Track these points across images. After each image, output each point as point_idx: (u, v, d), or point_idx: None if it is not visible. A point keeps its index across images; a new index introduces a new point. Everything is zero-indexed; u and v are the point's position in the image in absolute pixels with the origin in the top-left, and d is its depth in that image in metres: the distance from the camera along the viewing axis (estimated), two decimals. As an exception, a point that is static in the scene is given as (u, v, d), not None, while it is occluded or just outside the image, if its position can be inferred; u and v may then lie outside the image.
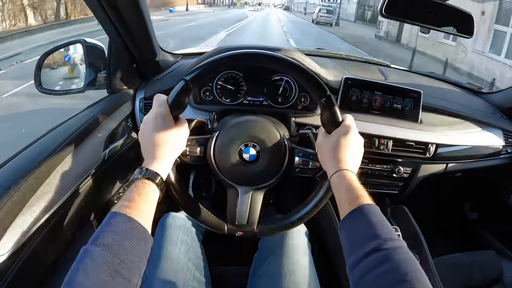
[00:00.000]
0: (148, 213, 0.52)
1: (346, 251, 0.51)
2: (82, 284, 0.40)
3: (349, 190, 0.56)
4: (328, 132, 0.65)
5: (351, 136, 0.62)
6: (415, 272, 0.43)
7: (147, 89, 1.03)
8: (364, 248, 0.47)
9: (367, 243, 0.47)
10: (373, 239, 0.47)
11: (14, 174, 0.65)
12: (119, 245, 0.44)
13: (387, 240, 0.47)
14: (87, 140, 0.82)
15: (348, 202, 0.54)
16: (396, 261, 0.44)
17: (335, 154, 0.61)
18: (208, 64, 0.62)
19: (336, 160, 0.60)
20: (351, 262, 0.48)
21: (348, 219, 0.53)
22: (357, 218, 0.52)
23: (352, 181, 0.57)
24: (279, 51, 0.96)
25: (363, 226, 0.50)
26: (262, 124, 0.71)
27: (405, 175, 1.05)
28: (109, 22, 0.84)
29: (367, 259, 0.46)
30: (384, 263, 0.44)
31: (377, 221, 0.50)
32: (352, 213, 0.53)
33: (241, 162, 0.68)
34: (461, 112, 1.12)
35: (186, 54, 1.20)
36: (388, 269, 0.43)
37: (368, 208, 0.52)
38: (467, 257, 1.15)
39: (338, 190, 0.58)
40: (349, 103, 1.02)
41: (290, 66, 0.63)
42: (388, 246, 0.46)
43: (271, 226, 0.71)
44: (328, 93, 0.63)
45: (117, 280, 0.42)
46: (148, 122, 0.60)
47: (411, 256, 0.46)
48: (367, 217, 0.51)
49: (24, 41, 9.25)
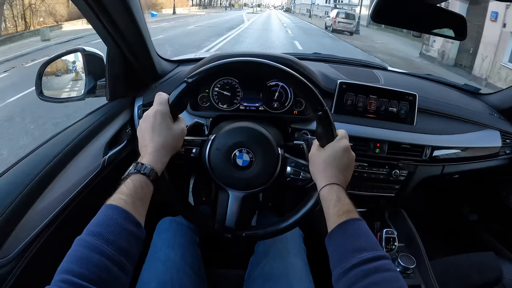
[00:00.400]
0: (142, 207, 0.54)
1: (333, 262, 0.53)
2: (75, 272, 0.41)
3: (338, 204, 0.57)
4: (321, 145, 0.67)
5: (344, 152, 0.64)
6: (399, 286, 0.45)
7: (145, 96, 1.05)
8: (350, 261, 0.49)
9: (353, 256, 0.49)
10: (360, 252, 0.49)
11: (17, 180, 0.67)
12: (112, 235, 0.46)
13: (374, 254, 0.48)
14: (87, 147, 0.85)
15: (337, 215, 0.56)
16: (382, 274, 0.46)
17: (326, 168, 0.63)
18: (209, 69, 0.64)
19: (327, 174, 0.62)
20: (336, 275, 0.50)
21: (336, 231, 0.55)
22: (345, 231, 0.54)
23: (342, 196, 0.59)
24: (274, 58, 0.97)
25: (351, 239, 0.52)
26: (257, 131, 0.72)
27: (402, 178, 1.06)
28: (105, 31, 0.86)
29: (352, 272, 0.47)
30: (369, 276, 0.46)
31: (365, 235, 0.52)
32: (340, 226, 0.54)
33: (234, 167, 0.69)
34: (458, 114, 1.12)
35: (183, 61, 1.22)
36: (373, 282, 0.45)
37: (356, 222, 0.54)
38: (466, 258, 1.14)
39: (327, 202, 0.59)
40: (344, 107, 1.03)
41: (289, 76, 0.65)
42: (374, 260, 0.47)
43: (258, 231, 0.72)
44: (325, 107, 0.64)
45: (109, 268, 0.44)
46: (148, 118, 0.62)
47: (395, 270, 0.47)
48: (355, 230, 0.53)
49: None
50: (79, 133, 0.84)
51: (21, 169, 0.71)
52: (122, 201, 0.50)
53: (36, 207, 0.67)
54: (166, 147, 0.61)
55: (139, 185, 0.54)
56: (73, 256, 0.43)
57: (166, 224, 0.86)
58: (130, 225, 0.49)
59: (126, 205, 0.50)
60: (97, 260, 0.43)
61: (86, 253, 0.43)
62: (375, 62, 1.40)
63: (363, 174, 1.04)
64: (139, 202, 0.52)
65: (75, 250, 0.44)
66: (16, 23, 12.34)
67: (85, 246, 0.44)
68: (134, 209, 0.51)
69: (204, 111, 0.99)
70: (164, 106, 0.63)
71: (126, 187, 0.53)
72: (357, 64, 1.33)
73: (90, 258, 0.43)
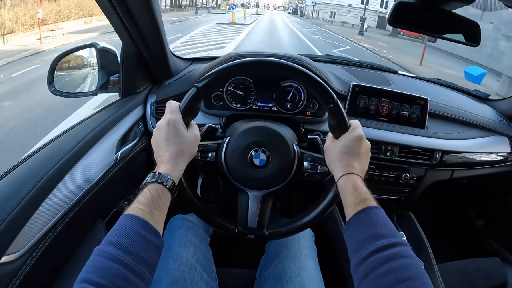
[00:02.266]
0: (160, 216, 0.54)
1: (351, 251, 0.53)
2: (94, 282, 0.41)
3: (355, 193, 0.57)
4: (335, 137, 0.67)
5: (358, 141, 0.64)
6: (417, 272, 0.44)
7: (158, 93, 1.05)
8: (368, 248, 0.48)
9: (371, 243, 0.49)
10: (377, 239, 0.49)
11: (29, 175, 0.67)
12: (131, 245, 0.46)
13: (391, 240, 0.48)
14: (100, 142, 0.85)
15: (354, 204, 0.56)
16: (399, 261, 0.46)
17: (342, 158, 0.63)
18: (218, 72, 0.64)
19: (343, 163, 0.62)
20: (355, 262, 0.50)
21: (354, 220, 0.55)
22: (362, 219, 0.53)
23: (358, 184, 0.59)
24: (288, 58, 0.97)
25: (368, 227, 0.52)
26: (272, 130, 0.73)
27: (411, 181, 1.06)
28: (123, 28, 0.86)
29: (371, 258, 0.47)
30: (386, 263, 0.45)
31: (382, 223, 0.52)
32: (357, 215, 0.54)
33: (251, 167, 0.70)
34: (468, 119, 1.13)
35: (196, 59, 1.22)
36: (390, 269, 0.45)
37: (373, 209, 0.54)
38: (472, 263, 1.15)
39: (344, 192, 0.59)
40: (357, 110, 1.04)
41: (299, 74, 0.65)
42: (391, 247, 0.47)
43: (281, 229, 0.72)
44: (336, 99, 0.65)
45: (129, 278, 0.44)
46: (161, 128, 0.62)
47: (413, 257, 0.47)
48: (372, 218, 0.53)
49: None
50: (92, 128, 0.84)
51: (34, 163, 0.71)
52: (140, 210, 0.51)
53: (48, 201, 0.67)
54: (181, 155, 0.61)
55: (156, 194, 0.54)
56: (92, 266, 0.44)
57: (178, 222, 0.87)
58: (149, 234, 0.49)
59: (144, 214, 0.50)
60: (116, 270, 0.43)
61: (105, 263, 0.43)
62: (386, 66, 1.40)
63: (374, 176, 1.04)
64: (156, 211, 0.53)
65: (94, 260, 0.44)
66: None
67: (104, 256, 0.44)
68: (152, 218, 0.51)
69: (218, 109, 1.00)
70: (176, 114, 0.63)
71: (144, 197, 0.53)
72: (368, 67, 1.34)
73: (109, 268, 0.43)
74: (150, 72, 1.05)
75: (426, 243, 1.06)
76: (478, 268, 1.13)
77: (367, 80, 1.12)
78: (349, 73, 1.15)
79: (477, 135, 1.12)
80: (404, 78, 1.33)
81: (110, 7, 0.78)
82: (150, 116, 1.04)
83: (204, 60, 1.21)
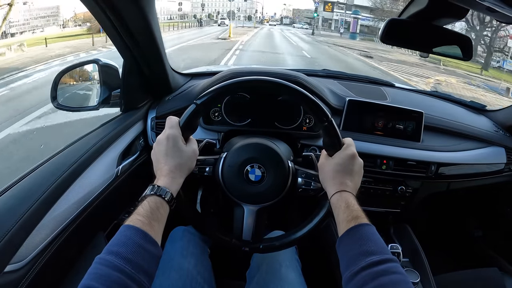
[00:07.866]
0: (159, 227, 0.56)
1: (343, 266, 0.55)
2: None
3: (347, 210, 0.59)
4: (329, 155, 0.69)
5: (351, 159, 0.66)
6: (405, 287, 0.47)
7: (158, 108, 1.08)
8: (359, 263, 0.51)
9: (362, 259, 0.51)
10: (368, 255, 0.51)
11: (33, 188, 0.69)
12: (131, 255, 0.48)
13: (381, 257, 0.50)
14: (102, 157, 0.87)
15: (346, 221, 0.58)
16: (389, 277, 0.48)
17: (335, 175, 0.65)
18: (217, 90, 0.67)
19: (336, 181, 0.64)
20: (347, 276, 0.52)
21: (346, 236, 0.57)
22: (354, 236, 0.56)
23: (351, 202, 0.61)
24: (283, 75, 1.00)
25: (359, 243, 0.54)
26: (267, 146, 0.75)
27: (407, 194, 1.07)
28: (124, 46, 0.90)
29: (362, 273, 0.49)
30: (377, 278, 0.48)
31: (373, 239, 0.54)
32: (349, 231, 0.56)
33: (247, 182, 0.72)
34: (463, 131, 1.14)
35: (196, 74, 1.25)
36: (380, 284, 0.47)
37: (364, 227, 0.56)
38: (470, 274, 1.15)
39: (337, 209, 0.61)
40: (353, 124, 1.06)
41: (294, 93, 0.68)
42: (381, 263, 0.50)
43: (275, 243, 0.74)
44: (330, 118, 0.67)
45: (128, 285, 0.46)
46: (161, 143, 0.64)
47: (402, 273, 0.49)
48: (363, 235, 0.55)
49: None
50: (94, 143, 0.87)
51: (38, 176, 0.73)
52: (140, 221, 0.53)
53: (51, 214, 0.69)
54: (180, 169, 0.64)
55: (155, 207, 0.56)
56: (93, 273, 0.46)
57: (179, 233, 0.88)
58: (148, 244, 0.51)
59: (143, 225, 0.52)
60: (117, 278, 0.45)
61: (106, 271, 0.45)
62: (382, 79, 1.42)
63: (370, 190, 1.06)
64: (155, 222, 0.55)
65: (95, 268, 0.46)
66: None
67: (104, 264, 0.46)
68: (151, 229, 0.53)
69: (216, 125, 1.02)
70: (175, 129, 0.65)
71: (143, 209, 0.55)
72: (365, 81, 1.36)
73: (109, 276, 0.45)
74: (151, 88, 1.08)
75: (422, 255, 1.07)
76: (477, 279, 1.13)
77: (363, 94, 1.14)
78: (346, 88, 1.17)
79: (473, 146, 1.13)
80: (400, 91, 1.35)
81: (112, 27, 0.81)
82: (151, 130, 1.06)
83: (203, 75, 1.24)
